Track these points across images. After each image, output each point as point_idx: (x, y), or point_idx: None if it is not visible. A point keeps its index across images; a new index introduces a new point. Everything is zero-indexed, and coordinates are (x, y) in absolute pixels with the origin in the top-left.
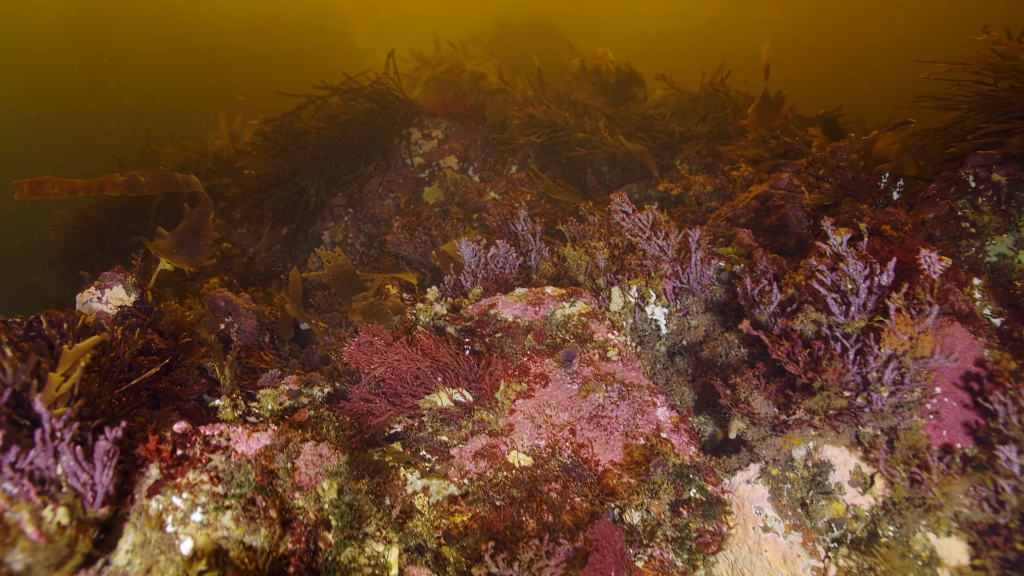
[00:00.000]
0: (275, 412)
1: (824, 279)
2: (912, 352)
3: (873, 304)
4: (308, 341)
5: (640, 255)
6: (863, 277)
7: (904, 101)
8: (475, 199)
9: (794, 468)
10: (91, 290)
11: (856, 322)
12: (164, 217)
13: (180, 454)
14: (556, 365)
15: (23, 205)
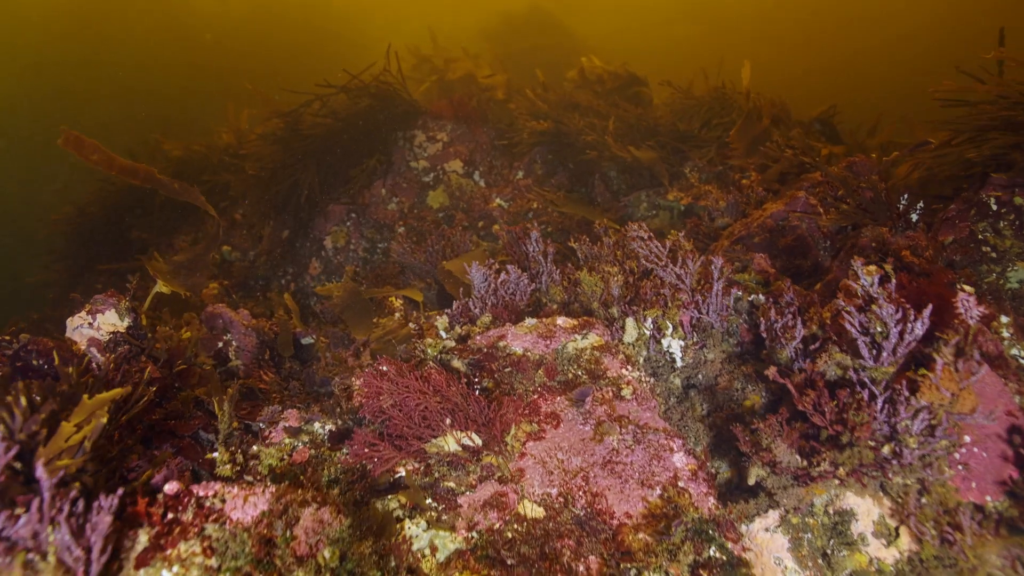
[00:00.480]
0: (275, 468)
1: (853, 321)
2: (951, 407)
3: (904, 349)
4: (309, 357)
5: (656, 282)
6: (895, 321)
7: (899, 100)
8: (481, 206)
9: (814, 514)
10: (82, 315)
11: (885, 367)
12: (167, 216)
13: (172, 518)
14: (568, 404)
15: (15, 199)
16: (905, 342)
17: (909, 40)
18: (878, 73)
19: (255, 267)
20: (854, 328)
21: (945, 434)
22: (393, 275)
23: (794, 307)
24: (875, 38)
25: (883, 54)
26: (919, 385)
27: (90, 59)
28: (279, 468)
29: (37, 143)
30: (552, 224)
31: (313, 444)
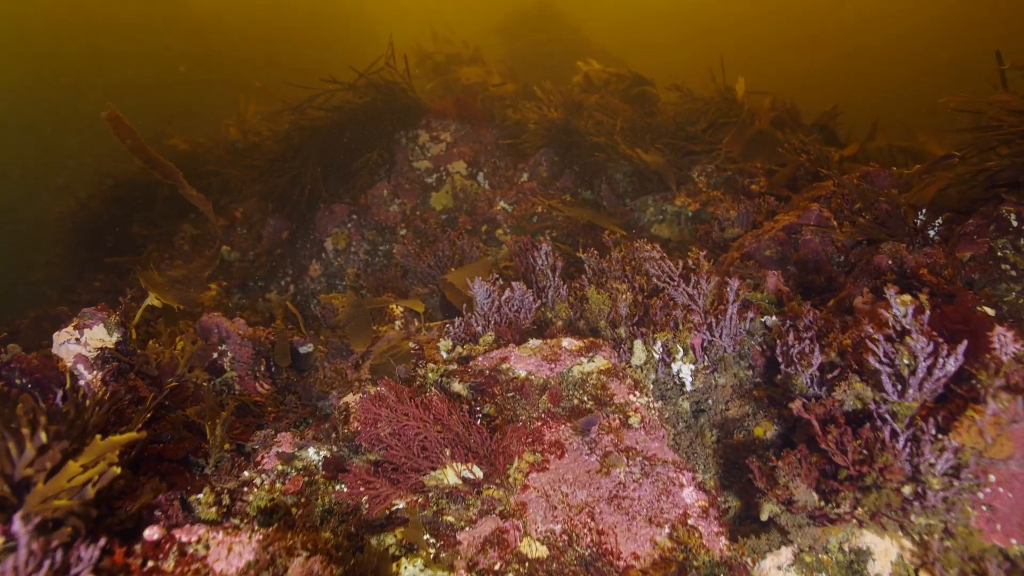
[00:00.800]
0: (265, 507)
1: (879, 352)
2: (986, 451)
3: (932, 386)
4: (307, 366)
5: (666, 300)
6: (925, 355)
7: (896, 102)
8: (485, 209)
9: (828, 551)
10: (69, 329)
11: (909, 402)
12: (169, 210)
13: (151, 566)
14: (573, 432)
15: (18, 191)
16: (934, 378)
17: (905, 41)
18: (875, 73)
19: (255, 267)
20: (879, 360)
21: (971, 475)
22: (395, 279)
23: (813, 331)
24: (873, 38)
25: (880, 55)
26: (955, 425)
27: (92, 49)
28: (270, 505)
29: (39, 133)
30: (557, 228)
31: (307, 472)
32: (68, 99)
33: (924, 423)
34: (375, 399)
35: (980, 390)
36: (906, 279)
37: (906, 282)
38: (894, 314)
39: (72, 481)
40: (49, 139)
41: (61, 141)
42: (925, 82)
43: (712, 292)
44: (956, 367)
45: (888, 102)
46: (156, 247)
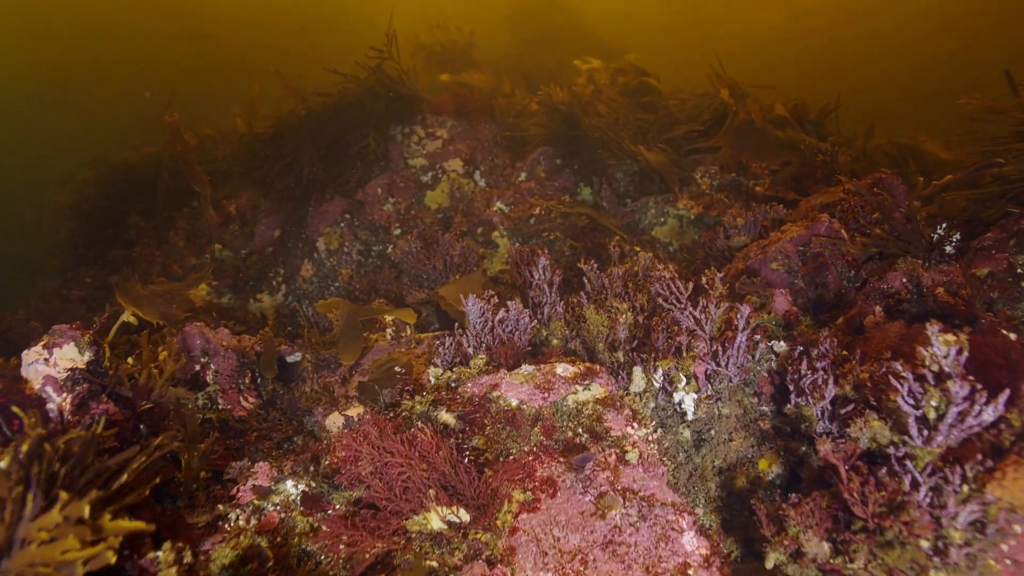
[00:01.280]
0: (231, 563)
1: (904, 392)
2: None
3: (961, 434)
4: (294, 376)
5: (669, 322)
6: (960, 400)
7: (892, 101)
8: (481, 209)
9: None
10: (38, 348)
11: (934, 448)
12: (167, 203)
13: None
14: (566, 468)
15: (19, 179)
16: (966, 426)
17: (897, 41)
18: (868, 74)
19: (246, 266)
20: (905, 401)
21: (998, 531)
22: (388, 280)
23: (827, 361)
24: (866, 38)
25: (872, 56)
26: (990, 478)
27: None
28: (236, 560)
29: (40, 117)
30: (556, 231)
31: (284, 507)
32: (68, 83)
33: (950, 472)
34: (356, 435)
35: (1006, 437)
36: (921, 298)
37: (922, 302)
38: (934, 354)
39: (66, 555)
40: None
41: (59, 126)
42: (918, 84)
43: (721, 317)
44: (994, 417)
45: (881, 101)
46: (151, 241)
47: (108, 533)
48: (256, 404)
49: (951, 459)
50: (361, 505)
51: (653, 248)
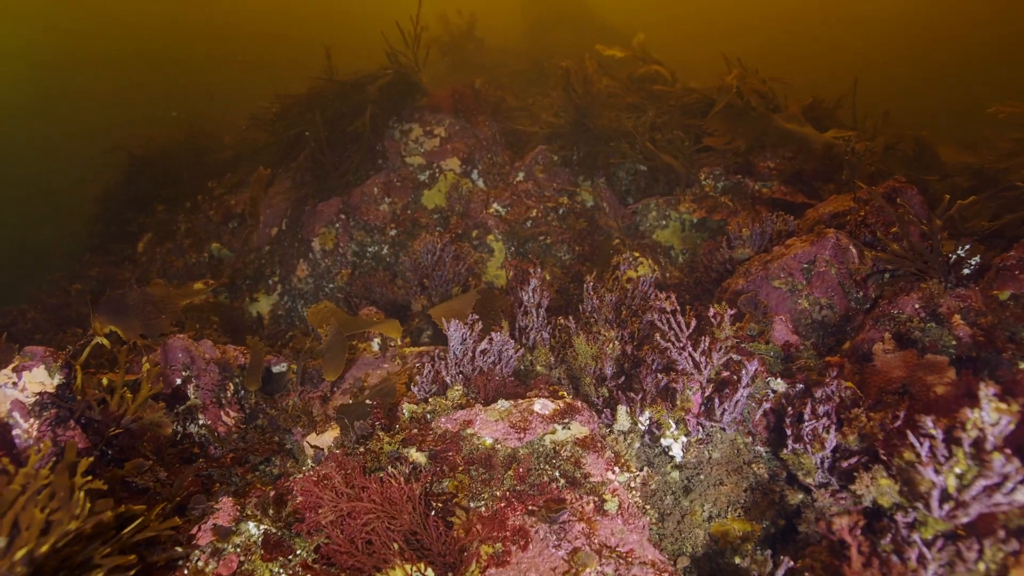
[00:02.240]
0: None
1: (925, 454)
2: None
3: (981, 509)
4: (279, 387)
5: (659, 355)
6: (998, 474)
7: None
8: (478, 211)
9: None
10: (7, 372)
11: (944, 522)
12: (180, 194)
13: None
14: (539, 517)
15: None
16: (992, 502)
17: (902, 40)
18: (872, 71)
19: (244, 265)
20: (924, 464)
21: None
22: (383, 283)
23: (832, 405)
24: (873, 37)
25: (877, 54)
26: (1016, 563)
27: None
28: None
29: (55, 104)
30: (552, 235)
31: (244, 549)
32: (83, 68)
33: (964, 547)
34: (318, 482)
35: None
36: (939, 326)
37: (937, 331)
38: (981, 419)
39: None
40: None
41: (82, 116)
42: (921, 86)
43: (721, 361)
44: None
45: (886, 99)
46: (156, 236)
47: None
48: (238, 419)
49: (967, 534)
50: (321, 556)
51: (654, 253)
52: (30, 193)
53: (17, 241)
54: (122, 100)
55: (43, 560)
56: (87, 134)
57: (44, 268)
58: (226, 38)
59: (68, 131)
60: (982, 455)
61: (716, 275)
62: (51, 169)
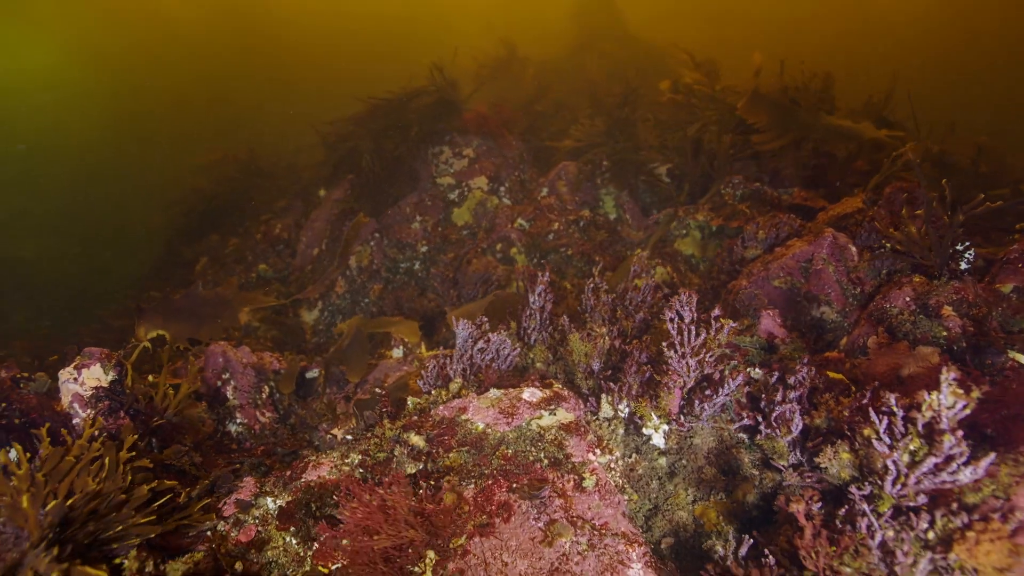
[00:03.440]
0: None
1: (883, 429)
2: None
3: (933, 487)
4: (310, 392)
5: (647, 343)
6: (946, 454)
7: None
8: (503, 225)
9: None
10: (69, 369)
11: (894, 499)
12: (230, 224)
13: None
14: (522, 495)
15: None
16: (939, 480)
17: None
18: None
19: (287, 284)
20: (881, 439)
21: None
22: (412, 298)
23: (802, 390)
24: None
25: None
26: (961, 538)
27: (164, 66)
28: (192, 570)
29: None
30: (573, 247)
31: (262, 520)
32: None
33: (915, 518)
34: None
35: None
36: (928, 318)
37: (927, 323)
38: (938, 401)
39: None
40: (135, 149)
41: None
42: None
43: (713, 366)
44: (970, 480)
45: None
46: (210, 261)
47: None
48: (272, 418)
49: (918, 508)
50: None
51: (674, 261)
52: (102, 222)
53: (90, 268)
54: (179, 132)
55: (87, 517)
56: (151, 166)
57: (113, 293)
58: (275, 66)
59: (133, 165)
60: (935, 435)
61: (726, 277)
62: (118, 200)
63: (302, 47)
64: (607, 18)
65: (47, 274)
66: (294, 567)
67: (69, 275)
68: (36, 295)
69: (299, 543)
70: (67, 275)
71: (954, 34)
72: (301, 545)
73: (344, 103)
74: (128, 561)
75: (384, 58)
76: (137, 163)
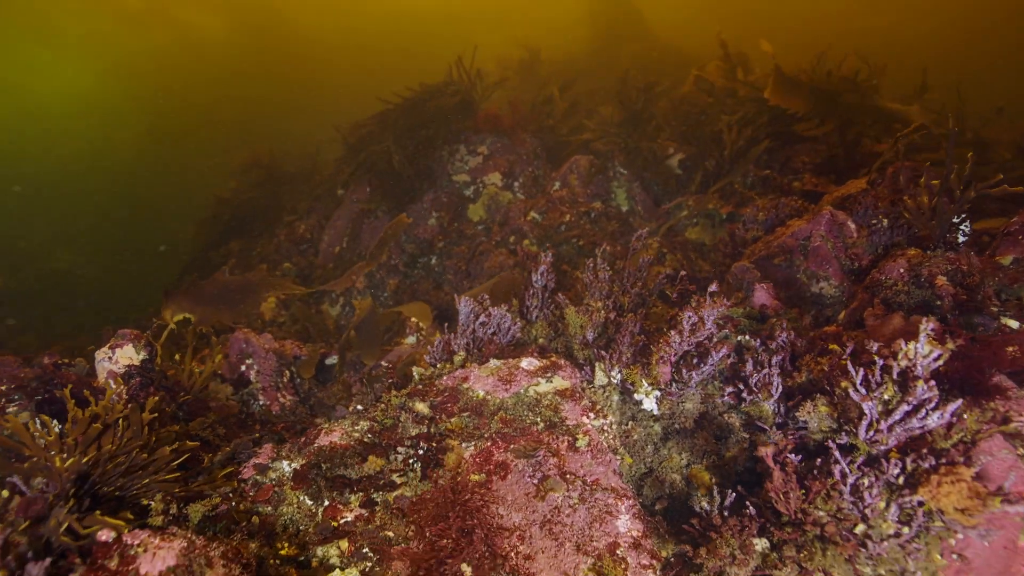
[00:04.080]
0: (205, 517)
1: (859, 381)
2: (959, 519)
3: (905, 434)
4: (329, 377)
5: (642, 315)
6: (917, 400)
7: None
8: (516, 219)
9: None
10: (105, 349)
11: (867, 445)
12: (260, 229)
13: (100, 564)
14: (518, 455)
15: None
16: (910, 426)
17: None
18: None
19: (310, 280)
20: (857, 390)
21: (930, 523)
22: (427, 291)
23: (783, 355)
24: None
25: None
26: (926, 480)
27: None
28: (211, 513)
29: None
30: (584, 237)
31: (278, 481)
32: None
33: (887, 464)
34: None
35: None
36: (919, 288)
37: (919, 292)
38: (915, 350)
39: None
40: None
41: (181, 156)
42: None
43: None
44: (938, 424)
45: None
46: (238, 260)
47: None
48: (293, 401)
49: (889, 454)
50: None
51: (684, 249)
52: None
53: (125, 278)
54: (207, 142)
55: (112, 473)
56: (182, 179)
57: (145, 301)
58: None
59: (165, 179)
60: (909, 383)
61: (730, 260)
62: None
63: (325, 54)
64: (624, 17)
65: (84, 285)
66: (306, 521)
67: (104, 285)
68: (73, 304)
69: (311, 501)
70: (102, 285)
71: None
72: (313, 503)
73: (366, 104)
74: (154, 503)
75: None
76: (168, 177)
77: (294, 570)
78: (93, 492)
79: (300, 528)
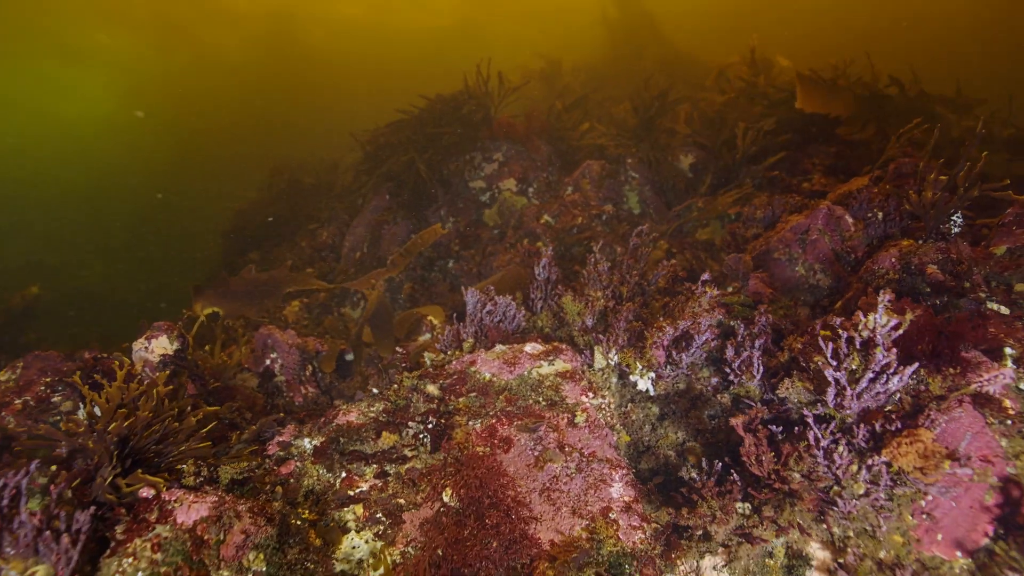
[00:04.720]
0: (233, 480)
1: (829, 354)
2: (919, 478)
3: (872, 401)
4: (349, 372)
5: (639, 304)
6: (879, 367)
7: None
8: (529, 223)
9: (774, 556)
10: (142, 340)
11: (837, 413)
12: (279, 237)
13: (142, 517)
14: (520, 430)
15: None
16: (875, 392)
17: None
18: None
19: (332, 283)
20: (828, 362)
21: (897, 484)
22: (443, 293)
23: (764, 338)
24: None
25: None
26: (889, 441)
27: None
28: (239, 477)
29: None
30: (597, 239)
31: (299, 457)
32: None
33: (856, 429)
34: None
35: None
36: (909, 276)
37: (911, 281)
38: (874, 320)
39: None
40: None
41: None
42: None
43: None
44: (899, 387)
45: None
46: (260, 268)
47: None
48: (315, 393)
49: (858, 420)
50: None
51: (694, 249)
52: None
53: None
54: (230, 155)
55: (147, 441)
56: (207, 192)
57: (172, 310)
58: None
59: (190, 193)
60: (870, 351)
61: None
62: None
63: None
64: (640, 25)
65: (114, 295)
66: (325, 490)
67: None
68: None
69: (330, 473)
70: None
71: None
72: (332, 474)
73: (381, 120)
74: (186, 466)
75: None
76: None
77: (313, 530)
78: (134, 458)
79: (320, 497)
